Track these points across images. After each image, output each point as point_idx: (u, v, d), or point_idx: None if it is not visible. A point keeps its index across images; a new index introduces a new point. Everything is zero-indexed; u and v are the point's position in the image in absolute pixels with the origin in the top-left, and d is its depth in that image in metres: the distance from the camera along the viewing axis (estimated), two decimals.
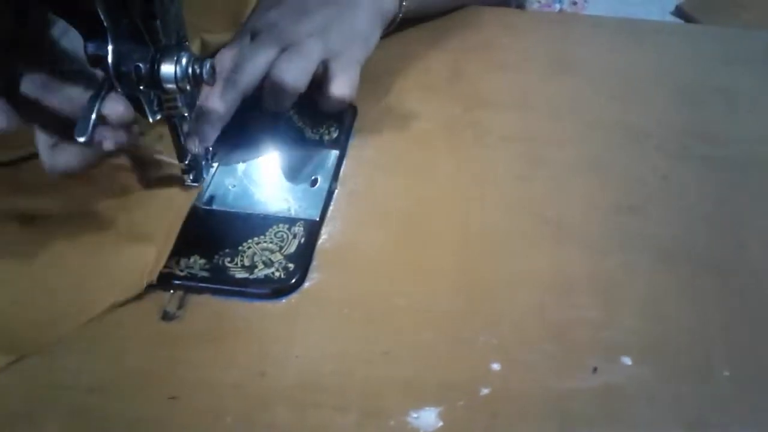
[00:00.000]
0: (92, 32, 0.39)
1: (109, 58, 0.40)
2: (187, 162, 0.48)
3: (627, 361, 0.41)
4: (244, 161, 0.52)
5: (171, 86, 0.42)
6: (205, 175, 0.49)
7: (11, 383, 0.40)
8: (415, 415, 0.39)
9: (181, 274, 0.44)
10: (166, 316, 0.43)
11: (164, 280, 0.44)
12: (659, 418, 0.39)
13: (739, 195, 0.51)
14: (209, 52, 0.56)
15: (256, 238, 0.47)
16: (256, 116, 0.54)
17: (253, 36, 0.53)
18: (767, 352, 0.42)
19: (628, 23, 0.68)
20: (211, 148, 0.50)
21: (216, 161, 0.51)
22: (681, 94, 0.59)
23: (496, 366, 0.41)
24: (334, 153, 0.53)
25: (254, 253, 0.46)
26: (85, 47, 0.40)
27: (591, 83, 0.60)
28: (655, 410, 0.39)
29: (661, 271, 0.46)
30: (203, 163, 0.49)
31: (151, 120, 0.44)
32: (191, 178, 0.49)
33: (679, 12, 0.81)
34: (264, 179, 0.51)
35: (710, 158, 0.54)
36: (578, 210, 0.50)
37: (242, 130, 0.54)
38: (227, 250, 0.46)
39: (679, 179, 0.52)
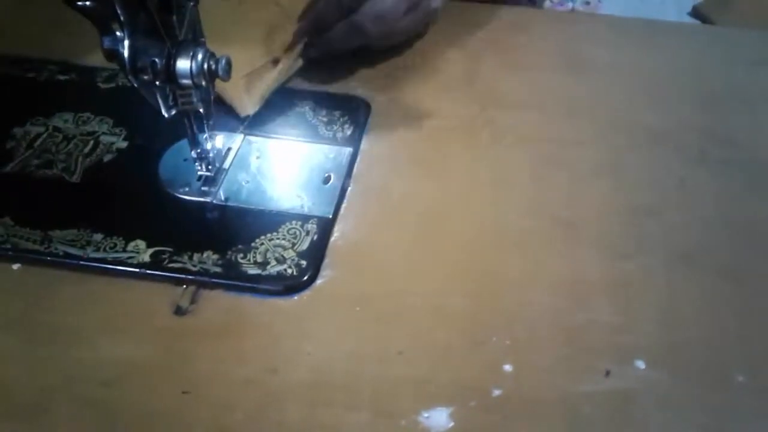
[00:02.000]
0: (108, 27, 0.40)
1: (125, 53, 0.40)
2: (199, 151, 0.48)
3: (641, 364, 0.41)
4: (257, 158, 0.52)
5: (186, 81, 0.42)
6: (217, 164, 0.50)
7: (25, 376, 0.40)
8: (426, 415, 0.39)
9: (194, 269, 0.45)
10: (179, 311, 0.43)
11: (177, 275, 0.44)
12: (672, 423, 0.39)
13: (756, 198, 0.51)
14: None
15: (269, 235, 0.47)
16: (270, 113, 0.54)
17: None
18: None
19: (645, 23, 0.68)
20: (223, 137, 0.51)
21: (226, 152, 0.52)
22: (698, 96, 0.59)
23: (508, 367, 0.41)
24: (348, 150, 0.53)
25: (267, 250, 0.46)
26: (102, 42, 0.40)
27: (608, 84, 0.60)
28: (667, 415, 0.39)
29: (677, 275, 0.46)
30: (213, 154, 0.49)
31: (166, 116, 0.44)
32: (203, 167, 0.49)
33: (696, 13, 0.80)
34: (277, 176, 0.51)
35: (728, 161, 0.53)
36: (594, 212, 0.50)
37: (256, 127, 0.54)
38: (240, 246, 0.46)
39: (697, 182, 0.52)
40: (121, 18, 0.39)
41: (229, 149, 0.52)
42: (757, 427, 0.39)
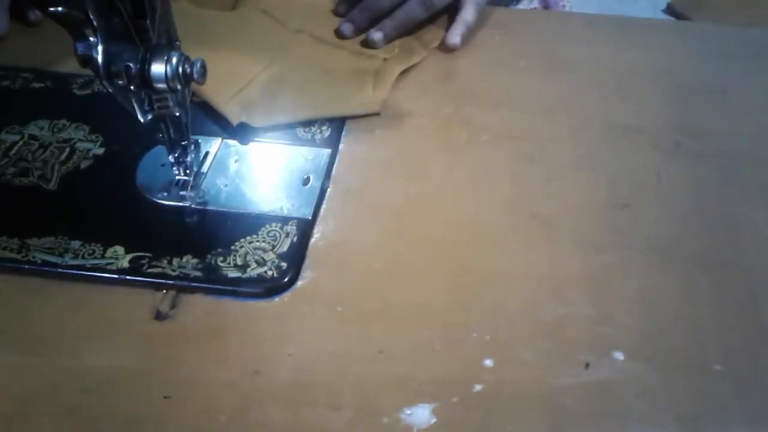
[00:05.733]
0: (82, 32, 0.39)
1: (99, 58, 0.40)
2: (176, 155, 0.48)
3: (619, 356, 0.41)
4: (236, 161, 0.52)
5: (162, 86, 0.42)
6: (195, 168, 0.50)
7: (6, 383, 0.40)
8: (408, 412, 0.39)
9: (174, 273, 0.44)
10: (159, 316, 0.43)
11: (157, 280, 0.44)
12: (651, 413, 0.39)
13: (731, 191, 0.51)
14: None
15: (248, 237, 0.47)
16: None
17: None
18: (758, 346, 0.42)
19: (620, 21, 0.68)
20: (200, 141, 0.51)
21: (204, 155, 0.52)
22: (673, 91, 0.60)
23: (489, 362, 0.41)
24: (326, 152, 0.53)
25: (247, 253, 0.46)
26: (75, 48, 0.40)
27: (583, 81, 0.61)
28: (647, 405, 0.39)
29: (653, 267, 0.46)
30: (192, 156, 0.49)
31: (142, 120, 0.44)
32: (181, 171, 0.49)
33: (670, 10, 0.81)
34: (256, 178, 0.51)
35: (703, 155, 0.54)
36: (571, 207, 0.50)
37: (233, 130, 0.54)
38: (220, 250, 0.46)
39: (672, 176, 0.52)
40: (95, 23, 0.39)
41: (207, 153, 0.52)
42: (735, 414, 0.39)
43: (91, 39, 0.40)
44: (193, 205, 0.49)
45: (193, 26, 0.57)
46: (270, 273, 0.45)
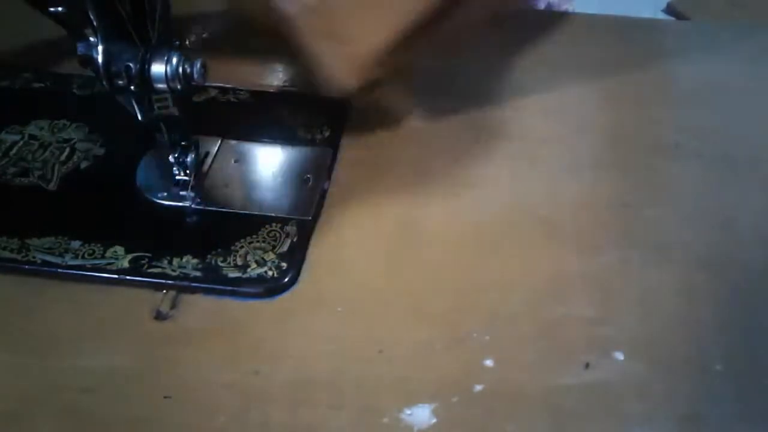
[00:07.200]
0: (82, 33, 0.40)
1: (99, 59, 0.40)
2: (176, 155, 0.48)
3: (620, 356, 0.41)
4: (236, 161, 0.52)
5: (162, 86, 0.42)
6: (195, 168, 0.50)
7: (4, 383, 0.40)
8: (408, 412, 0.39)
9: (174, 273, 0.44)
10: (159, 316, 0.43)
11: (157, 280, 0.44)
12: (652, 413, 0.39)
13: (731, 191, 0.51)
14: None
15: (248, 238, 0.47)
16: (248, 116, 0.54)
17: None
18: (759, 346, 0.42)
19: (620, 21, 0.68)
20: (200, 141, 0.51)
21: (204, 155, 0.52)
22: (673, 91, 0.60)
23: (489, 362, 0.41)
24: (327, 152, 0.53)
25: (247, 253, 0.46)
26: (75, 48, 0.40)
27: (583, 81, 0.61)
28: (647, 405, 0.39)
29: (653, 268, 0.46)
30: (192, 156, 0.49)
31: (142, 121, 0.44)
32: (181, 171, 0.49)
33: (670, 10, 0.81)
34: (256, 179, 0.51)
35: (702, 155, 0.54)
36: (572, 208, 0.50)
37: (234, 130, 0.54)
38: (220, 250, 0.46)
39: (672, 176, 0.52)
40: (95, 23, 0.39)
41: (207, 153, 0.52)
42: (736, 413, 0.39)
43: (91, 39, 0.40)
44: (193, 205, 0.49)
45: None
46: (270, 273, 0.45)
